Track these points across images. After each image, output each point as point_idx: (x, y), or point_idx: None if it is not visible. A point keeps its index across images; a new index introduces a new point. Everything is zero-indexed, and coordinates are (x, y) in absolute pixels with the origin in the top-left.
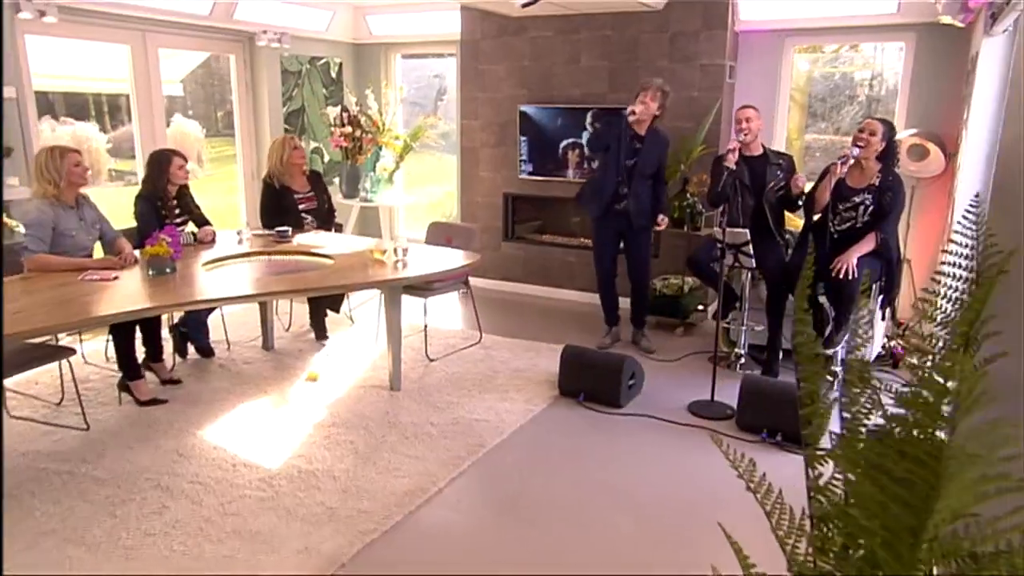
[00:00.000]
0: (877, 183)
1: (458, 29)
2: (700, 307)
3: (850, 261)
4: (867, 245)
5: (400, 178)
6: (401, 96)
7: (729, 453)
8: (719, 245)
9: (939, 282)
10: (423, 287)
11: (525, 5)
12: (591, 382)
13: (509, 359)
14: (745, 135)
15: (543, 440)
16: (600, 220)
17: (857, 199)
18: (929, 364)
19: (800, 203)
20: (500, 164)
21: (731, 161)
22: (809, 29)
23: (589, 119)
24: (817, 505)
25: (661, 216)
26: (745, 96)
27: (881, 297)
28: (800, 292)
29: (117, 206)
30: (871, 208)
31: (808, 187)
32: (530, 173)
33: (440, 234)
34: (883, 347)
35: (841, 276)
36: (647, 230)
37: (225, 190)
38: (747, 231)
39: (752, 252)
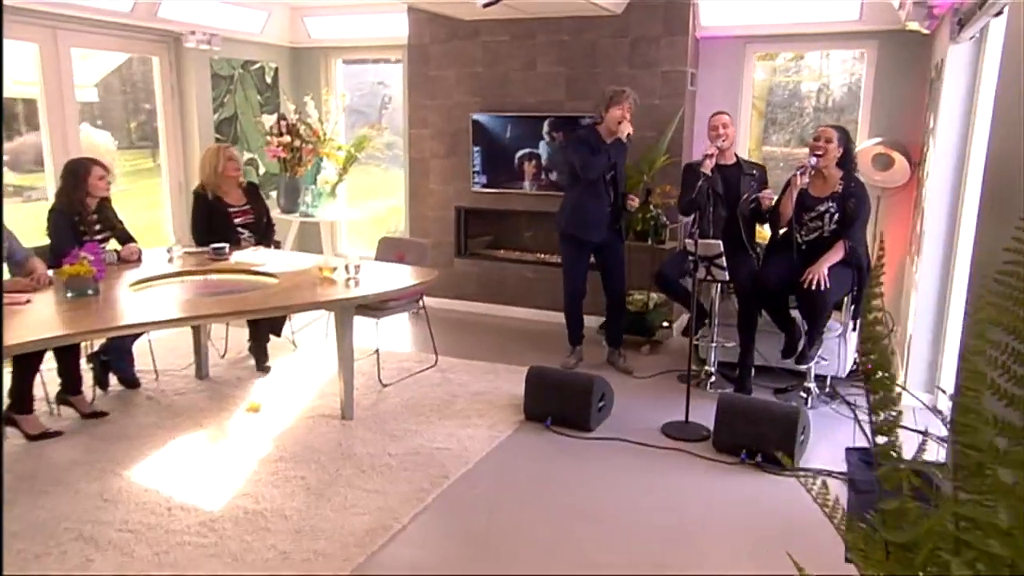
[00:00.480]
0: (840, 190)
1: (405, 32)
2: (666, 324)
3: (821, 271)
4: (836, 254)
5: (343, 191)
6: (343, 104)
7: (807, 483)
8: (691, 258)
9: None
10: (376, 307)
11: (487, 5)
12: (559, 405)
13: (468, 382)
14: (723, 141)
15: (511, 468)
16: (580, 239)
17: (822, 207)
18: None
19: (767, 218)
20: (452, 176)
21: (708, 167)
22: (770, 36)
23: (546, 128)
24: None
25: (631, 196)
26: (707, 104)
27: (853, 308)
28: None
29: (17, 225)
30: (836, 216)
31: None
32: (484, 185)
33: (391, 250)
34: (854, 361)
35: (813, 287)
36: (621, 239)
37: (144, 205)
38: (720, 243)
39: (725, 265)
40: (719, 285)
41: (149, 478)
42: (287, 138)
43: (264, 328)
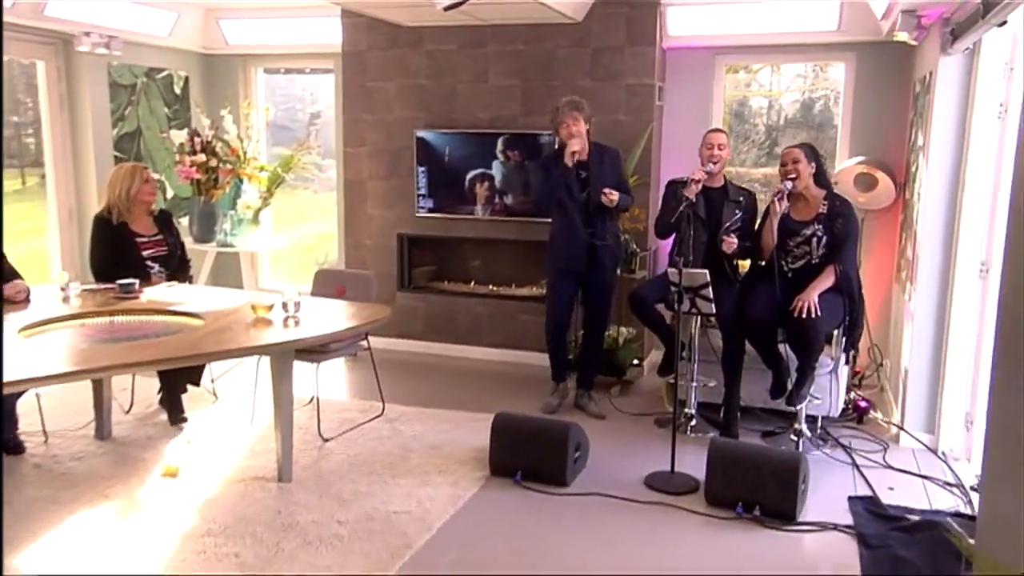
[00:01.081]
0: (825, 211)
1: (338, 40)
2: (636, 361)
3: (811, 299)
4: (826, 280)
5: (267, 217)
6: (267, 118)
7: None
8: (673, 288)
9: None
10: (316, 349)
11: (449, 8)
12: (530, 457)
13: (422, 433)
14: (714, 164)
15: (481, 532)
16: (564, 268)
17: (807, 231)
18: None
19: (740, 256)
20: (393, 200)
21: (692, 192)
22: (741, 47)
23: (500, 146)
24: None
25: (608, 190)
26: (675, 120)
27: (845, 340)
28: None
29: None
30: (824, 239)
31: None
32: (430, 210)
33: (329, 284)
34: (845, 400)
35: (804, 315)
36: (613, 271)
37: (15, 234)
38: (706, 272)
39: (711, 296)
40: (698, 318)
41: (42, 564)
42: (201, 157)
43: (180, 377)
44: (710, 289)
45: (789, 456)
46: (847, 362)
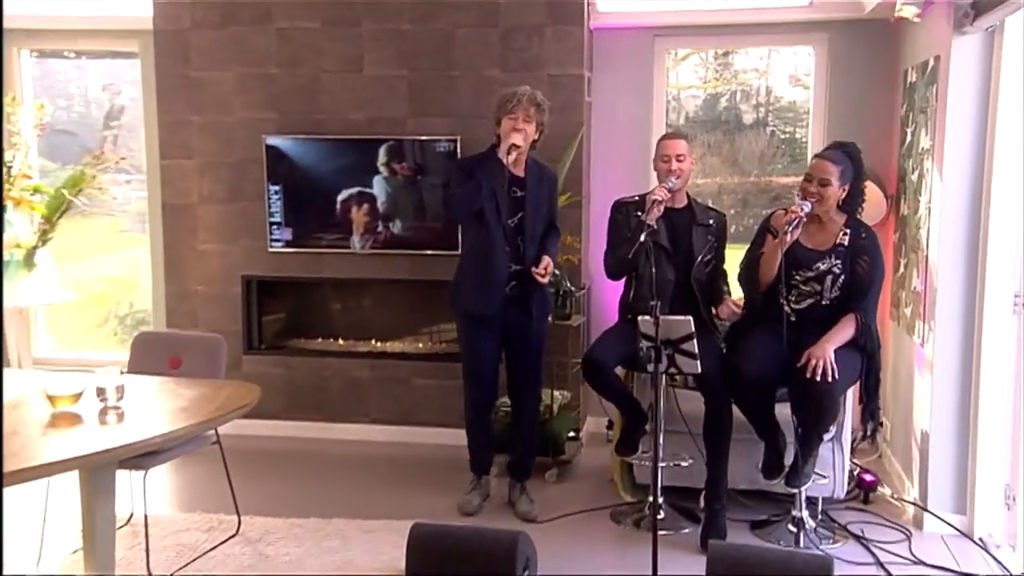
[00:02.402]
0: (846, 242)
1: (147, 12)
2: (573, 433)
3: (827, 355)
4: (845, 332)
5: (47, 259)
6: (40, 119)
7: None
8: (647, 344)
9: None
10: (145, 453)
11: None
12: None
13: (300, 558)
14: (676, 179)
15: None
16: (479, 316)
17: (822, 265)
18: None
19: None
20: (236, 231)
21: (654, 216)
22: (686, 27)
23: (383, 157)
24: None
25: (545, 260)
26: (606, 121)
27: (862, 407)
28: None
29: None
30: (841, 278)
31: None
32: (288, 243)
33: (157, 351)
34: (852, 475)
35: (817, 376)
36: (545, 321)
37: None
38: (690, 320)
39: (696, 350)
40: (664, 376)
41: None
42: None
43: None
44: (695, 342)
45: (816, 562)
46: (867, 435)
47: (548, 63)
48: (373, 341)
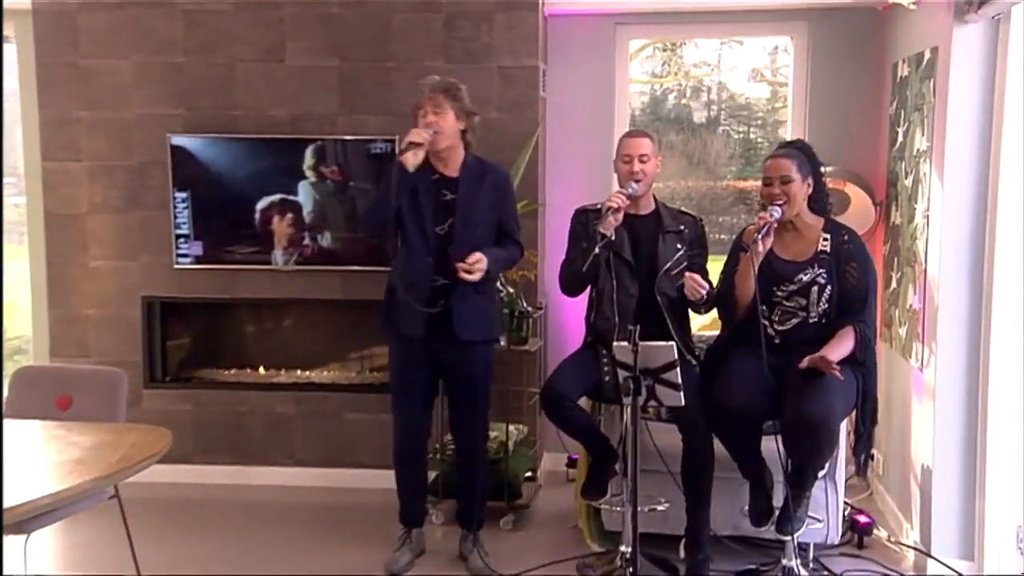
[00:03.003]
0: (827, 248)
1: None
2: (530, 473)
3: (828, 359)
4: (844, 344)
5: None
6: None
7: None
8: (623, 374)
9: None
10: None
11: None
12: None
13: None
14: (638, 183)
15: None
16: (408, 340)
17: (804, 277)
18: None
19: (704, 308)
20: (135, 244)
21: (611, 225)
22: (652, 14)
23: (309, 160)
24: None
25: (475, 256)
26: (562, 118)
27: (856, 437)
28: None
29: None
30: (828, 289)
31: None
32: (198, 259)
33: (41, 389)
34: (846, 516)
35: (826, 370)
36: (485, 346)
37: None
38: (672, 346)
39: (679, 380)
40: (629, 409)
41: None
42: None
43: None
44: (678, 371)
45: None
46: (859, 470)
47: (498, 53)
48: (298, 371)
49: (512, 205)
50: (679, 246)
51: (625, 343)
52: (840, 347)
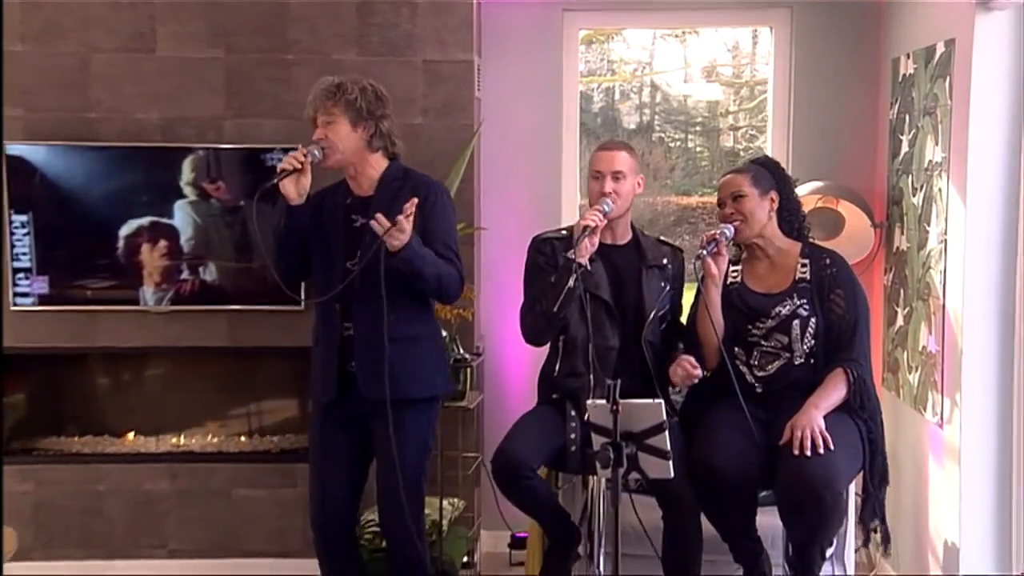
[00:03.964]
0: (808, 275)
1: None
2: (467, 557)
3: (814, 423)
4: (835, 391)
5: None
6: None
7: None
8: (601, 441)
9: None
10: None
11: None
12: None
13: None
14: (613, 202)
15: None
16: (327, 403)
17: (783, 309)
18: None
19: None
20: None
21: (585, 252)
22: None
23: (188, 175)
24: None
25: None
26: (506, 124)
27: (864, 498)
28: None
29: None
30: (812, 321)
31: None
32: (43, 298)
33: None
34: None
35: (807, 450)
36: (422, 408)
37: None
38: (660, 404)
39: (667, 447)
40: (594, 479)
41: None
42: None
43: None
44: (666, 435)
45: None
46: (867, 541)
47: (424, 45)
48: (173, 437)
49: (448, 225)
50: (663, 284)
51: (602, 401)
52: (829, 396)
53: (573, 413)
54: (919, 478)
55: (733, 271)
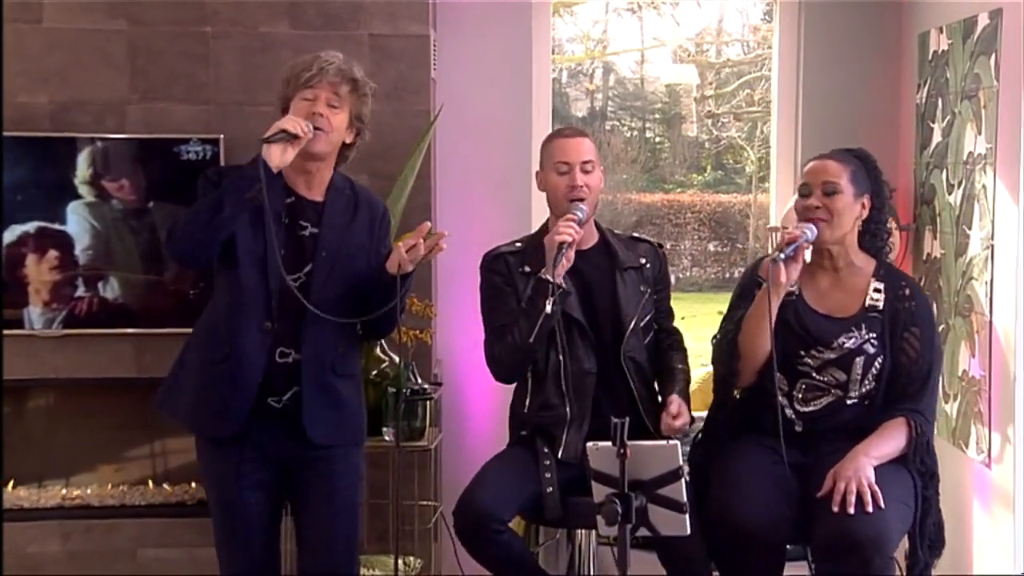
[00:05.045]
0: (881, 304)
1: None
2: None
3: (864, 476)
4: (891, 441)
5: None
6: None
7: None
8: (610, 495)
9: None
10: None
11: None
12: None
13: None
14: (582, 200)
15: None
16: (227, 441)
17: (847, 342)
18: None
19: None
20: None
21: (562, 270)
22: None
23: (84, 171)
24: None
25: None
26: (465, 113)
27: (911, 560)
28: None
29: None
30: (878, 361)
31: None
32: None
33: None
34: None
35: (851, 509)
36: (353, 452)
37: None
38: (676, 446)
39: (684, 499)
40: (582, 533)
41: None
42: None
43: None
44: (682, 483)
45: None
46: None
47: (370, 16)
48: (64, 487)
49: (388, 243)
50: (642, 288)
51: (606, 444)
52: (883, 445)
53: (547, 452)
54: (960, 527)
55: (791, 278)
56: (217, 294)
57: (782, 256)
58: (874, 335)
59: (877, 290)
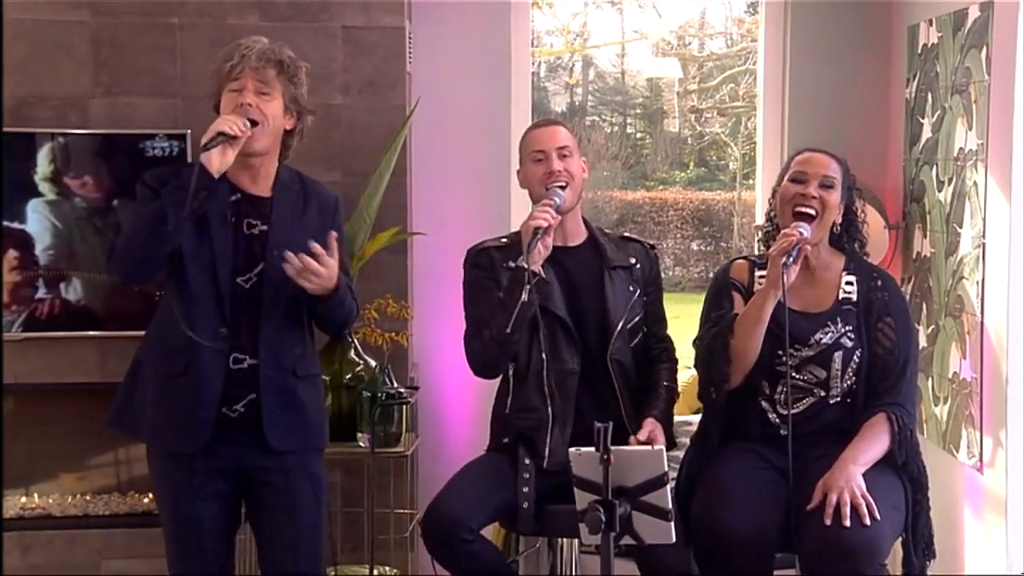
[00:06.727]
0: (854, 296)
1: None
2: None
3: (855, 486)
4: (875, 443)
5: None
6: None
7: None
8: (588, 499)
9: None
10: None
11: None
12: None
13: None
14: (564, 187)
15: None
16: (184, 455)
17: (824, 338)
18: None
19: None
20: None
21: (540, 258)
22: None
23: (44, 167)
24: None
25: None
26: (443, 107)
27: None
28: None
29: None
30: (857, 354)
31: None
32: None
33: None
34: None
35: (846, 522)
36: (312, 459)
37: None
38: (661, 450)
39: (668, 507)
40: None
41: None
42: None
43: None
44: (667, 490)
45: None
46: None
47: (343, 7)
48: (24, 497)
49: (345, 250)
50: (631, 288)
51: (588, 449)
52: (868, 449)
53: (527, 461)
54: (951, 533)
55: (760, 277)
56: (165, 304)
57: (790, 261)
58: (850, 328)
59: (849, 283)
